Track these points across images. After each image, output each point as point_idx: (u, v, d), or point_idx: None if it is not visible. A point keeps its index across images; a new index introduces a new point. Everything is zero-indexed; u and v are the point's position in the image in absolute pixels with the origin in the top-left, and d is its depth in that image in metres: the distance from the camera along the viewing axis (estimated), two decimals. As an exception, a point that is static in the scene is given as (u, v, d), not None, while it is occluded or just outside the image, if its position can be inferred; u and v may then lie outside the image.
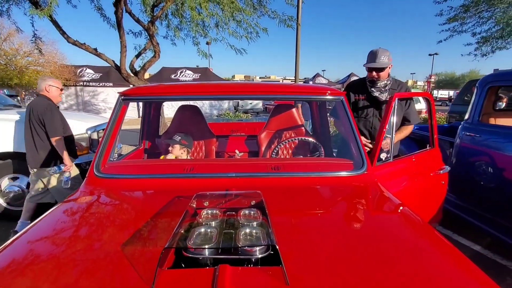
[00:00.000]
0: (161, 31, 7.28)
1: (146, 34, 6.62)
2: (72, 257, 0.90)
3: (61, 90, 3.09)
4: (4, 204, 3.44)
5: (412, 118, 2.38)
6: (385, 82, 2.30)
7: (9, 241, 1.00)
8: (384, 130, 1.81)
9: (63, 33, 6.19)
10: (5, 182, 3.44)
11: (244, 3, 6.55)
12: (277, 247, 0.79)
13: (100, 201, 1.38)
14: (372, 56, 2.26)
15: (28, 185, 3.40)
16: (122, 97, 1.77)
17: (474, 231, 2.93)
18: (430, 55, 40.26)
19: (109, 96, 16.50)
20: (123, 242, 0.95)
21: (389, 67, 2.28)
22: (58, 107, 3.08)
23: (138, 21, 6.44)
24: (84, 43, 6.43)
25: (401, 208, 1.29)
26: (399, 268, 0.86)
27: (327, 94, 1.84)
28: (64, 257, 0.90)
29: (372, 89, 2.32)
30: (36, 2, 5.70)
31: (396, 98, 1.84)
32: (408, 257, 0.93)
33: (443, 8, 10.97)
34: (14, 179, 3.45)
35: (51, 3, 4.85)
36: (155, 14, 6.14)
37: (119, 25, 6.25)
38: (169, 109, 6.78)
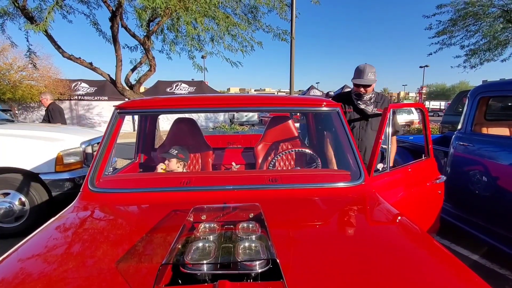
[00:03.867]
0: (157, 45, 7.37)
1: (142, 48, 6.67)
2: (65, 275, 0.87)
3: None
4: (-6, 221, 3.34)
5: (399, 128, 2.56)
6: (370, 95, 2.44)
7: None
8: (380, 141, 1.83)
9: (58, 47, 6.21)
10: (-4, 198, 3.35)
11: (238, 17, 6.68)
12: (278, 261, 0.77)
13: (94, 217, 1.35)
14: (360, 72, 2.40)
15: (19, 201, 3.33)
16: (118, 110, 1.76)
17: (471, 241, 2.92)
18: (421, 67, 41.15)
19: (104, 110, 16.45)
20: (119, 258, 0.93)
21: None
22: None
23: (134, 35, 6.50)
24: (79, 57, 6.45)
25: (399, 218, 1.29)
26: (400, 278, 0.85)
27: (323, 105, 1.85)
28: (57, 275, 0.87)
29: (359, 102, 2.45)
30: (31, 17, 5.73)
31: (391, 109, 1.86)
32: (409, 267, 0.92)
33: (432, 22, 11.35)
34: (4, 195, 3.37)
35: (46, 18, 4.89)
36: (150, 29, 6.21)
37: (114, 40, 6.30)
38: (165, 122, 6.78)
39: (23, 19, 5.99)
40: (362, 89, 2.40)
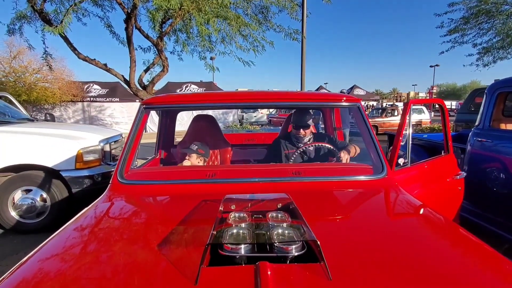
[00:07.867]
0: (169, 46, 7.45)
1: (155, 49, 6.78)
2: (113, 259, 0.91)
3: None
4: (17, 217, 3.44)
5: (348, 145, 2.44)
6: (308, 138, 2.42)
7: (32, 252, 0.96)
8: (401, 138, 1.84)
9: (73, 49, 6.36)
10: (18, 194, 3.44)
11: (249, 18, 6.73)
12: (318, 242, 0.80)
13: (127, 207, 1.40)
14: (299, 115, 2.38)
15: (41, 197, 3.42)
16: (144, 106, 1.81)
17: (491, 238, 2.88)
18: (431, 66, 40.55)
19: (115, 111, 16.68)
20: (159, 243, 0.97)
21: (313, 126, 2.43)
22: None
23: (147, 37, 6.62)
24: (94, 59, 6.59)
25: (425, 209, 1.30)
26: (437, 260, 0.87)
27: (343, 100, 1.87)
28: (104, 259, 0.91)
29: (300, 144, 2.42)
30: (48, 20, 5.90)
31: (411, 105, 1.87)
32: (442, 250, 0.96)
33: (444, 20, 11.23)
34: (27, 191, 3.47)
35: (64, 20, 5.03)
36: (163, 30, 6.31)
37: (129, 41, 6.42)
38: (177, 124, 6.87)
39: (40, 22, 6.16)
40: (302, 130, 2.37)
